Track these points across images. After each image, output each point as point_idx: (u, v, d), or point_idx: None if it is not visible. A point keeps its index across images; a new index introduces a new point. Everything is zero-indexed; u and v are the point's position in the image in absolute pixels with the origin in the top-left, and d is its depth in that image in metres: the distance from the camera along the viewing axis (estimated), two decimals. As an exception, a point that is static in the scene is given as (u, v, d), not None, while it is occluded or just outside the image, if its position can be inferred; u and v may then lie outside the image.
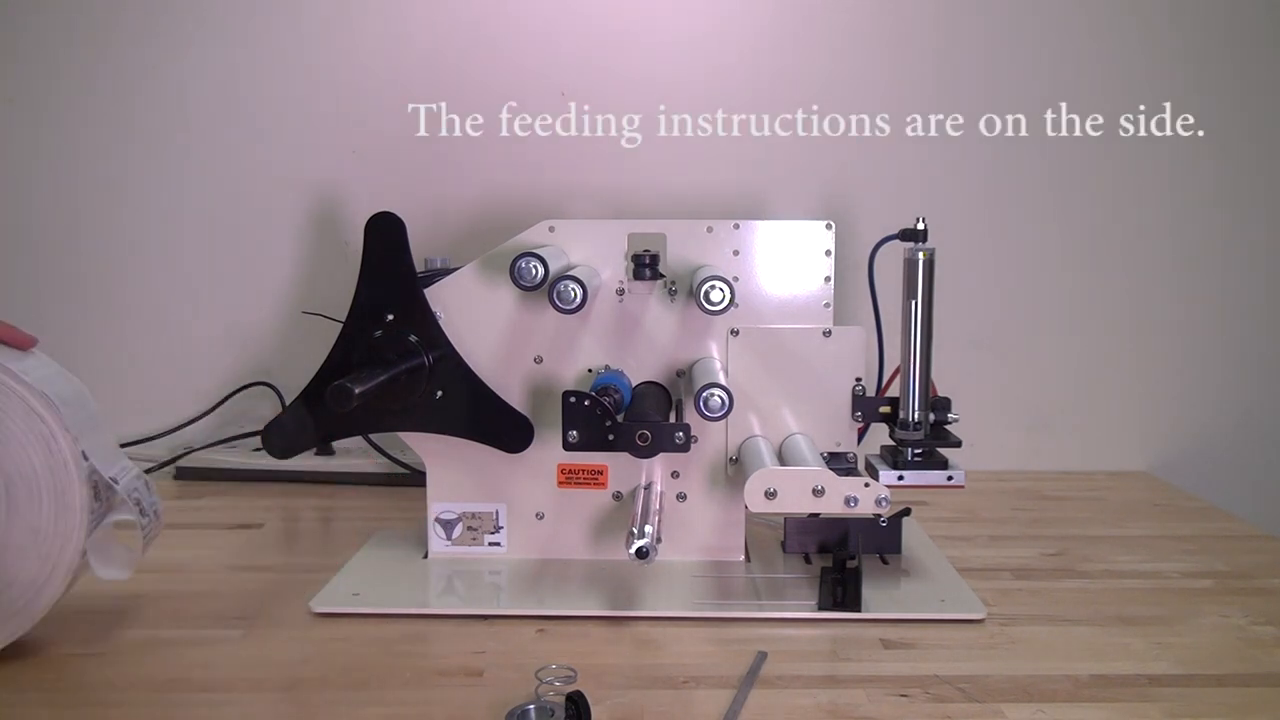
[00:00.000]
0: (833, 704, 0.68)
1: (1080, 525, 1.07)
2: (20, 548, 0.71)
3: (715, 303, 0.82)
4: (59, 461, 0.70)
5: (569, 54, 1.24)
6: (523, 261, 0.81)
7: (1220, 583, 0.91)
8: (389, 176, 1.26)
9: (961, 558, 0.95)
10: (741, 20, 1.24)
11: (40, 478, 0.70)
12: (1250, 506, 1.16)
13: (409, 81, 1.24)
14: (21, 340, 0.74)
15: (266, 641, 0.77)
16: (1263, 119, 1.26)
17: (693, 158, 1.25)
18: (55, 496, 0.70)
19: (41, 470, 0.70)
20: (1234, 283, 1.28)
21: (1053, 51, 1.24)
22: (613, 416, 0.80)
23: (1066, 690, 0.70)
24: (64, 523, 0.71)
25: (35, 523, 0.71)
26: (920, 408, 0.88)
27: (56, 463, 0.70)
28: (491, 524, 0.93)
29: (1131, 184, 1.26)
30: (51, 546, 0.71)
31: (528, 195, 1.25)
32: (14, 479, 0.70)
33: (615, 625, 0.81)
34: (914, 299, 0.87)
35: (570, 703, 0.64)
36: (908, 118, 1.25)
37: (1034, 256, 1.27)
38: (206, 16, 1.24)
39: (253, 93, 1.25)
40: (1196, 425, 1.30)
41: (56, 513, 0.71)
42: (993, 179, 1.26)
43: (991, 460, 1.26)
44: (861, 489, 0.79)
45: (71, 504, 0.71)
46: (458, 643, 0.78)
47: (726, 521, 0.93)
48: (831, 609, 0.83)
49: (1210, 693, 0.70)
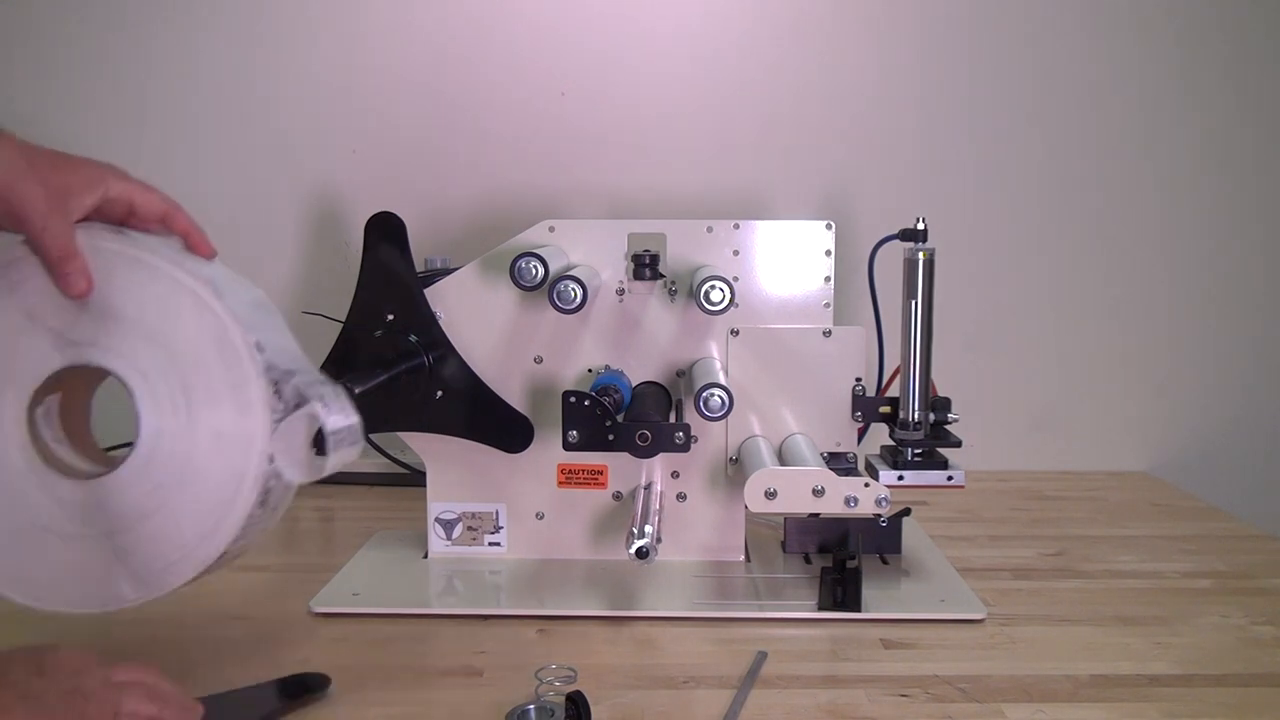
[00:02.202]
0: (833, 704, 0.68)
1: (1080, 525, 1.07)
2: (205, 454, 0.64)
3: (715, 303, 0.82)
4: (233, 356, 0.64)
5: (569, 54, 1.24)
6: (523, 261, 0.82)
7: (1220, 583, 0.91)
8: (389, 176, 1.26)
9: (961, 558, 0.95)
10: (742, 20, 1.24)
11: (216, 374, 0.64)
12: (1250, 506, 1.16)
13: (409, 82, 1.24)
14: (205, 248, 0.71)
15: (266, 641, 0.77)
16: (1264, 120, 1.25)
17: (693, 158, 1.25)
18: (234, 394, 0.64)
19: (216, 366, 0.64)
20: (1234, 283, 1.28)
21: (1053, 52, 1.24)
22: (613, 416, 0.80)
23: (1066, 690, 0.70)
24: (246, 423, 0.64)
25: (217, 425, 0.64)
26: (920, 408, 0.88)
27: (230, 357, 0.64)
28: (491, 524, 0.93)
29: (1131, 184, 1.26)
30: (236, 451, 0.64)
31: (528, 195, 1.25)
32: (190, 378, 0.64)
33: (615, 625, 0.81)
34: (914, 299, 0.87)
35: (570, 703, 0.64)
36: (908, 118, 1.25)
37: (1034, 257, 1.27)
38: (206, 17, 1.24)
39: (253, 93, 1.25)
40: (1196, 425, 1.30)
41: (237, 412, 0.64)
42: (993, 179, 1.26)
43: (991, 460, 1.26)
44: (861, 489, 0.79)
45: (252, 402, 0.64)
46: (458, 643, 0.78)
47: (726, 521, 0.93)
48: (831, 609, 0.83)
49: (1210, 693, 0.70)
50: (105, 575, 0.65)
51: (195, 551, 0.65)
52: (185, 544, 0.65)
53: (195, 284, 0.65)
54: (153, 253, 0.65)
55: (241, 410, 0.64)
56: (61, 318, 0.64)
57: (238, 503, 0.64)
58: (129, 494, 0.64)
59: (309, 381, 0.67)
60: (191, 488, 0.64)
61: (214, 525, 0.64)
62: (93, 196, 0.65)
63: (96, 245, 0.64)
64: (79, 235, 0.64)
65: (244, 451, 0.64)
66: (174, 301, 0.64)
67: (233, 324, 0.64)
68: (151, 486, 0.64)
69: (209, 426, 0.64)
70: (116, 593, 0.65)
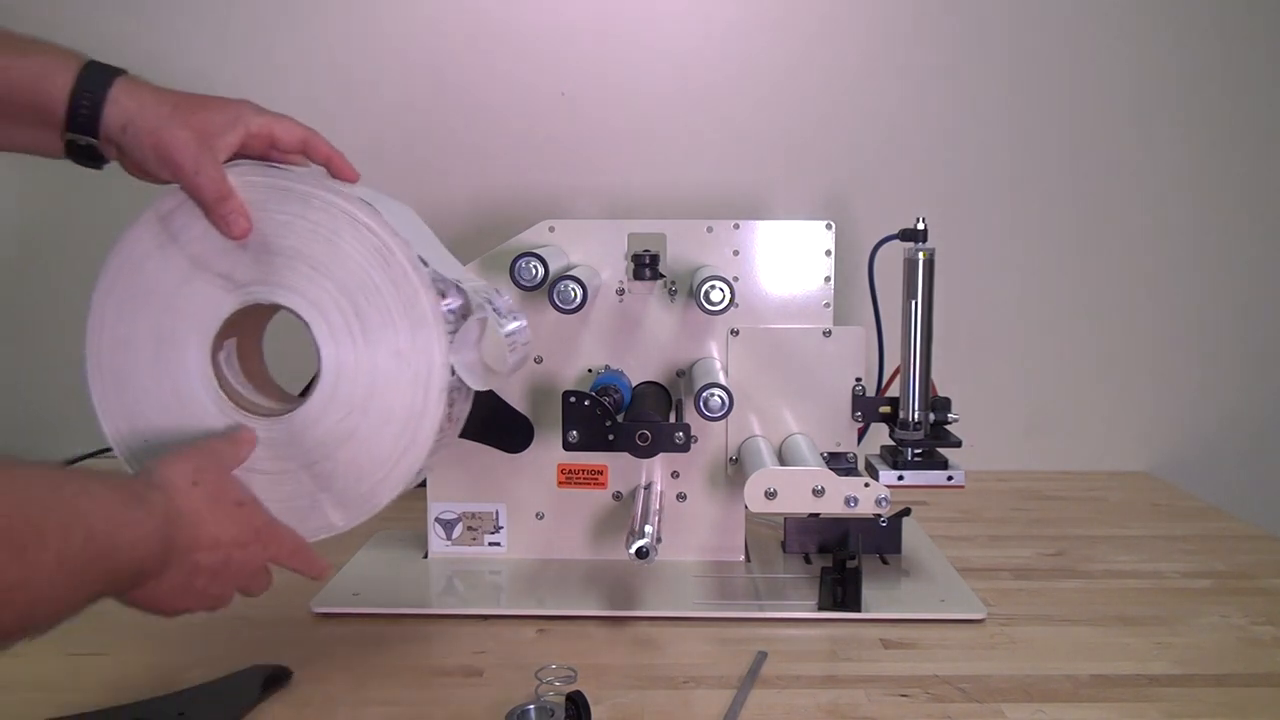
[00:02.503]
0: (833, 704, 0.68)
1: (1080, 525, 1.07)
2: (388, 375, 0.65)
3: (715, 303, 0.82)
4: (399, 273, 0.64)
5: (569, 54, 1.24)
6: (523, 261, 0.82)
7: (1220, 583, 0.91)
8: (389, 176, 1.26)
9: (961, 558, 0.95)
10: (742, 20, 1.24)
11: (385, 294, 0.64)
12: (1250, 506, 1.16)
13: (409, 82, 1.24)
14: (349, 172, 0.73)
15: (267, 641, 0.77)
16: (1265, 121, 1.25)
17: (693, 158, 1.25)
18: (406, 311, 0.64)
19: (384, 285, 0.64)
20: (1234, 283, 1.28)
21: (1054, 53, 1.24)
22: (613, 416, 0.80)
23: (1066, 690, 0.70)
24: (422, 337, 0.65)
25: (395, 344, 0.65)
26: (920, 408, 0.88)
27: (397, 274, 0.64)
28: (491, 524, 0.93)
29: (1132, 184, 1.26)
30: (419, 367, 0.65)
31: (528, 195, 1.25)
32: (361, 302, 0.65)
33: (615, 625, 0.81)
34: (914, 299, 0.87)
35: (570, 703, 0.64)
36: (908, 118, 1.25)
37: (1034, 257, 1.27)
38: (205, 18, 1.24)
39: (252, 94, 1.25)
40: (1195, 425, 1.30)
41: (412, 328, 0.64)
42: (993, 179, 1.26)
43: (991, 460, 1.26)
44: (861, 489, 0.79)
45: (424, 315, 0.64)
46: (458, 643, 0.78)
47: (726, 521, 0.93)
48: (831, 609, 0.83)
49: (1210, 693, 0.70)
50: (313, 506, 0.67)
51: (394, 471, 0.66)
52: (383, 465, 0.66)
53: (350, 206, 0.65)
54: (303, 181, 0.65)
55: (416, 326, 0.64)
56: (227, 260, 0.65)
57: (426, 418, 0.66)
58: (321, 425, 0.66)
59: (474, 288, 0.69)
60: (380, 409, 0.65)
61: (408, 443, 0.66)
62: (236, 134, 0.66)
63: (247, 181, 0.65)
64: (229, 175, 0.65)
65: (426, 366, 0.65)
66: (333, 227, 0.64)
67: (394, 241, 0.64)
68: (341, 414, 0.65)
69: (387, 347, 0.65)
70: (327, 521, 0.67)
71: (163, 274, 0.66)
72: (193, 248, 0.65)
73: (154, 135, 0.64)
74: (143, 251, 0.66)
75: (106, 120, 0.64)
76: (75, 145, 0.65)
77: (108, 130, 0.64)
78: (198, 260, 0.65)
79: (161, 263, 0.66)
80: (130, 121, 0.64)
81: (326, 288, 0.65)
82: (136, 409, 0.67)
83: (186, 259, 0.65)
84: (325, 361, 0.65)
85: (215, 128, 0.65)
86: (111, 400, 0.67)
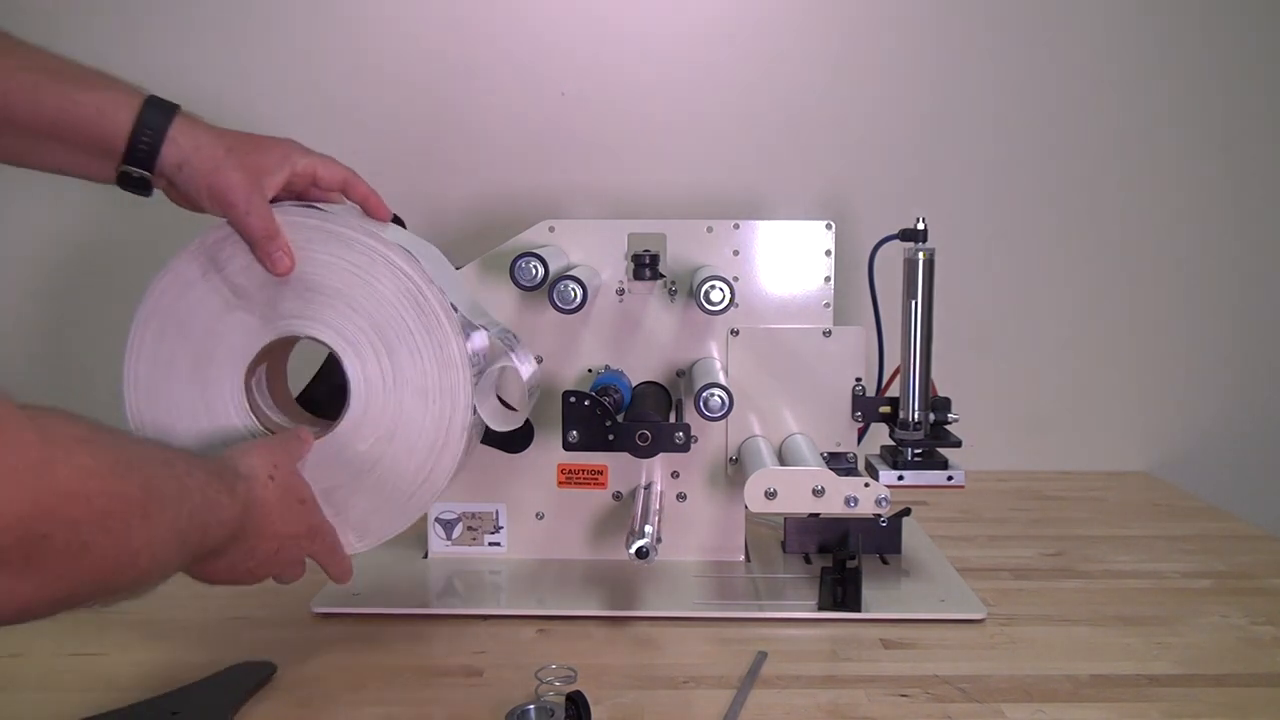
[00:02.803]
0: (833, 704, 0.68)
1: (1080, 525, 1.07)
2: (413, 410, 0.70)
3: (715, 303, 0.82)
4: (431, 318, 0.69)
5: (569, 54, 1.24)
6: (522, 261, 0.82)
7: (1220, 583, 0.91)
8: (390, 176, 1.25)
9: (961, 558, 0.95)
10: (742, 20, 1.24)
11: (416, 335, 0.69)
12: (1250, 506, 1.16)
13: (409, 82, 1.24)
14: (383, 211, 0.77)
15: (267, 642, 0.77)
16: (1266, 121, 1.25)
17: (693, 158, 1.25)
18: (435, 352, 0.69)
19: (416, 327, 0.69)
20: (1234, 283, 1.28)
21: (1054, 54, 1.24)
22: (613, 416, 0.80)
23: (1066, 690, 0.70)
24: (448, 378, 0.69)
25: (421, 384, 0.69)
26: (920, 408, 0.88)
27: (429, 319, 0.69)
28: (491, 524, 0.93)
29: (1131, 185, 1.26)
30: (443, 406, 0.70)
31: (528, 195, 1.25)
32: (392, 341, 0.69)
33: (615, 625, 0.81)
34: (914, 299, 0.87)
35: (570, 703, 0.64)
36: (908, 118, 1.25)
37: (1034, 257, 1.27)
38: (205, 16, 1.24)
39: (252, 93, 1.25)
40: (1195, 425, 1.30)
41: (440, 369, 0.69)
42: (993, 179, 1.26)
43: (991, 460, 1.26)
44: (861, 489, 0.79)
45: (452, 359, 0.69)
46: (458, 643, 0.78)
47: (726, 521, 0.93)
48: (831, 609, 0.83)
49: (1210, 693, 0.70)
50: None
51: (411, 501, 0.71)
52: (402, 494, 0.71)
53: (389, 251, 0.69)
54: (346, 225, 0.69)
55: (444, 367, 0.69)
56: (267, 293, 0.69)
57: (447, 452, 0.70)
58: (346, 452, 0.70)
59: (498, 334, 0.75)
60: (404, 441, 0.70)
61: (427, 474, 0.71)
62: (283, 174, 0.70)
63: (294, 222, 0.69)
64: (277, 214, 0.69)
65: (450, 405, 0.70)
66: (371, 270, 0.69)
67: (428, 287, 0.69)
68: (367, 445, 0.70)
69: (414, 384, 0.69)
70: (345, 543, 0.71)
71: (205, 302, 0.70)
72: (236, 279, 0.70)
73: (210, 176, 0.68)
74: (187, 279, 0.70)
75: (164, 158, 0.68)
76: (129, 176, 0.69)
77: (163, 167, 0.68)
78: (240, 291, 0.70)
79: (205, 291, 0.70)
80: (186, 161, 0.68)
81: (361, 325, 0.69)
82: (168, 426, 0.70)
83: (230, 289, 0.70)
84: (354, 393, 0.70)
85: (266, 168, 0.69)
86: (145, 416, 0.70)
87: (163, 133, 0.67)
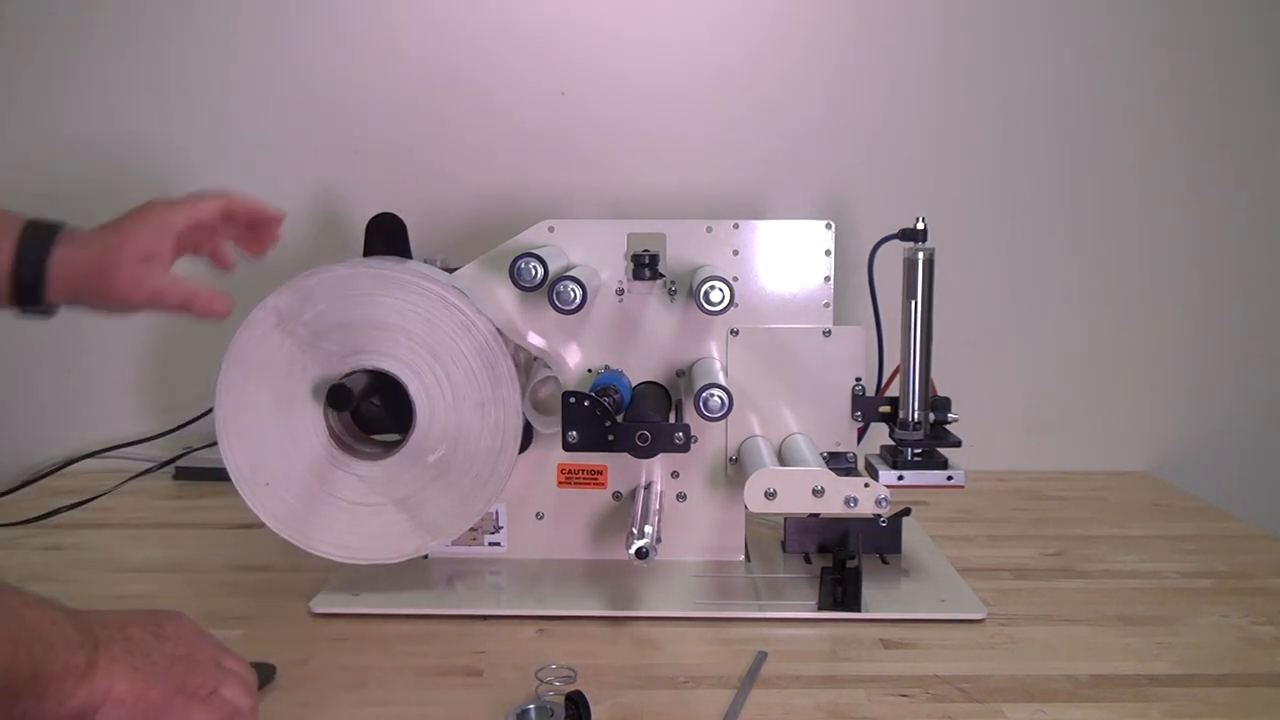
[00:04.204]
0: (833, 704, 0.68)
1: (1080, 525, 1.07)
2: (473, 424, 0.80)
3: (715, 303, 0.82)
4: (481, 343, 0.79)
5: (569, 54, 1.24)
6: (522, 262, 0.81)
7: (1220, 583, 0.91)
8: (389, 176, 1.26)
9: (961, 558, 0.95)
10: (742, 20, 1.24)
11: (470, 359, 0.79)
12: (1250, 506, 1.16)
13: (409, 82, 1.24)
14: (270, 213, 0.82)
15: (267, 641, 0.77)
16: (1265, 122, 1.25)
17: (693, 158, 1.25)
18: (488, 371, 0.79)
19: (470, 353, 0.79)
20: (1234, 283, 1.28)
21: (1054, 53, 1.24)
22: (613, 416, 0.80)
23: (1066, 690, 0.70)
24: (501, 392, 0.80)
25: (479, 398, 0.80)
26: (920, 408, 0.88)
27: (480, 344, 0.79)
28: (491, 524, 0.93)
29: (1131, 184, 1.26)
30: (498, 416, 0.80)
31: (528, 195, 1.25)
32: (450, 365, 0.79)
33: (615, 625, 0.81)
34: (914, 299, 0.87)
35: (570, 703, 0.64)
36: (908, 118, 1.25)
37: (1034, 256, 1.27)
38: (206, 17, 1.24)
39: (253, 94, 1.25)
40: (1195, 425, 1.30)
41: (493, 385, 0.80)
42: (993, 179, 1.26)
43: (991, 460, 1.26)
44: (861, 489, 0.79)
45: (503, 375, 0.80)
46: (458, 643, 0.78)
47: (726, 521, 0.93)
48: (831, 609, 0.83)
49: (1210, 693, 0.70)
50: (406, 532, 0.81)
51: (475, 500, 0.81)
52: (468, 496, 0.81)
53: (443, 291, 0.79)
54: (406, 272, 0.79)
55: (496, 384, 0.80)
56: (336, 336, 0.79)
57: (504, 456, 0.81)
58: (415, 465, 0.80)
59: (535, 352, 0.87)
60: (465, 450, 0.80)
61: (488, 476, 0.81)
62: (167, 241, 0.73)
63: (363, 273, 0.79)
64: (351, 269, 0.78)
65: (503, 414, 0.80)
66: (429, 308, 0.79)
67: (478, 319, 0.79)
68: (433, 457, 0.80)
69: (472, 401, 0.80)
70: (416, 544, 0.82)
71: (280, 348, 0.79)
72: (307, 327, 0.79)
73: (106, 296, 0.70)
74: (262, 332, 0.79)
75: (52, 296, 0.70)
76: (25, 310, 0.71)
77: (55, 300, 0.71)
78: (315, 334, 0.79)
79: (280, 340, 0.79)
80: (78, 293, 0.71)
81: (423, 355, 0.79)
82: (258, 457, 0.80)
83: (309, 332, 0.79)
84: (420, 414, 0.80)
85: (150, 247, 0.71)
86: (237, 453, 0.80)
87: (42, 274, 0.69)
